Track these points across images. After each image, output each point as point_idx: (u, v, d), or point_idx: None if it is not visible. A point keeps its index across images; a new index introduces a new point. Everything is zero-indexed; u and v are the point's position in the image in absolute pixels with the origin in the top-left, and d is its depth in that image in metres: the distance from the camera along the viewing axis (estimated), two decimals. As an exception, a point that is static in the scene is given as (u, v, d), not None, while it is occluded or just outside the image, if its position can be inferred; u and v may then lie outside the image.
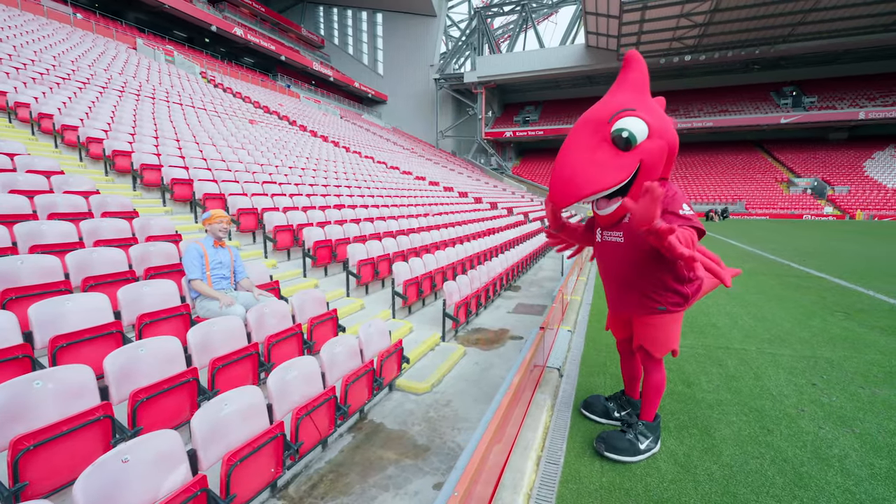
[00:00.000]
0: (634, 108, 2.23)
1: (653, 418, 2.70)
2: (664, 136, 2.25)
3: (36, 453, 1.93)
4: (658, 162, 2.26)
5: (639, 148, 2.21)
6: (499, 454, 2.24)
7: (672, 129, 2.33)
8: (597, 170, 2.20)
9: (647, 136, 2.21)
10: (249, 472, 2.26)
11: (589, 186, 2.21)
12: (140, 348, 2.64)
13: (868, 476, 2.45)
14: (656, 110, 2.33)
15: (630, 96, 2.32)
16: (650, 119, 2.22)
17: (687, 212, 2.25)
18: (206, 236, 3.80)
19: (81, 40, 17.54)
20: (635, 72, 2.39)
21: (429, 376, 4.18)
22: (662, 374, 2.66)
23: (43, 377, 2.18)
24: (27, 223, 3.81)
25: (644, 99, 2.34)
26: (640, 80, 2.39)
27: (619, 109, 2.24)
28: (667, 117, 2.36)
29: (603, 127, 2.24)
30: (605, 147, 2.23)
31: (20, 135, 7.32)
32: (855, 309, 6.02)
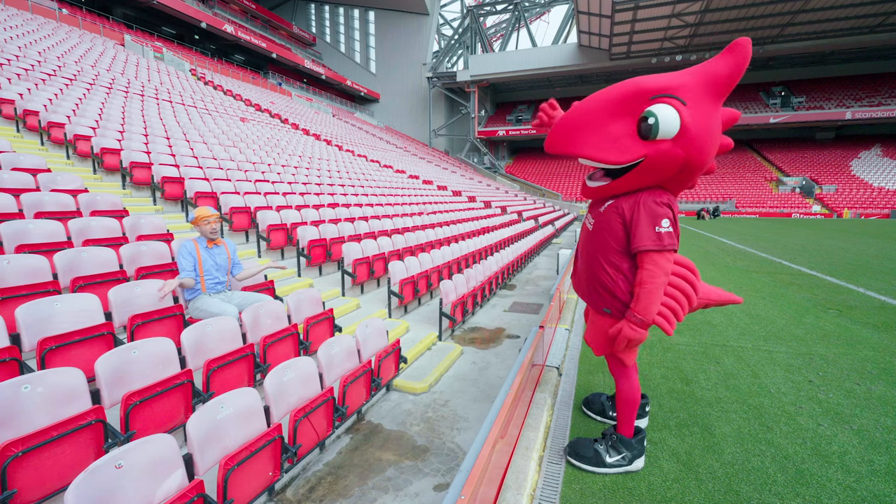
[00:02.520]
0: (685, 102, 1.91)
1: (631, 433, 2.51)
2: (690, 150, 1.94)
3: (25, 460, 1.86)
4: (665, 168, 2.01)
5: (654, 143, 1.95)
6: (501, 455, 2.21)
7: (708, 151, 2.00)
8: (598, 139, 2.02)
9: (672, 136, 1.92)
10: (247, 476, 2.21)
11: (580, 147, 2.04)
12: (132, 350, 2.57)
13: (868, 472, 2.46)
14: (708, 119, 1.96)
15: (694, 87, 1.95)
16: (690, 122, 1.90)
17: (665, 228, 2.04)
18: (200, 237, 3.72)
19: (68, 36, 17.20)
20: (727, 64, 1.94)
21: (426, 376, 4.15)
22: (632, 385, 2.47)
23: (31, 381, 2.11)
24: (13, 222, 3.70)
25: (707, 99, 1.96)
26: (724, 76, 1.95)
27: (668, 92, 1.93)
28: (716, 136, 2.04)
29: (640, 100, 1.97)
30: (626, 121, 1.99)
31: (4, 132, 7.14)
32: (847, 306, 6.09)
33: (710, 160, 2.12)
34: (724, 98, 2.03)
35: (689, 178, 2.14)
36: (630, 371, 2.48)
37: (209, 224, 3.63)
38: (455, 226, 10.85)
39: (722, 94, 1.99)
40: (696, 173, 2.10)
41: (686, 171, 2.05)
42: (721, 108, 2.07)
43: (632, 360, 2.45)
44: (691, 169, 2.04)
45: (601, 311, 2.38)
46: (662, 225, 2.05)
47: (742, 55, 1.91)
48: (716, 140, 2.05)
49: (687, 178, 2.12)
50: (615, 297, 2.26)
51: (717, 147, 2.12)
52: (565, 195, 39.52)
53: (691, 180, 2.17)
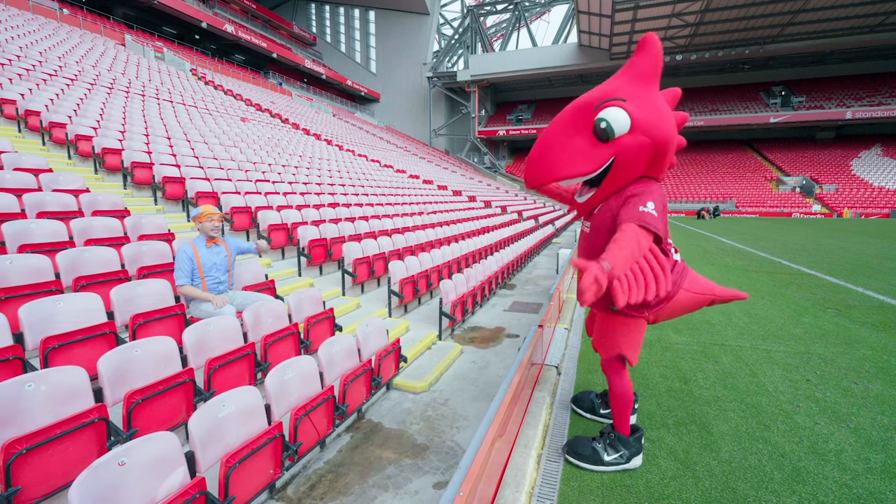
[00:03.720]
0: (625, 99, 2.09)
1: (627, 431, 2.55)
2: (650, 133, 2.08)
3: (29, 457, 1.89)
4: (636, 158, 2.13)
5: (616, 141, 2.10)
6: (500, 452, 2.23)
7: (667, 127, 2.14)
8: (568, 156, 2.16)
9: (628, 129, 2.08)
10: (248, 474, 2.23)
11: (556, 172, 2.18)
12: (134, 349, 2.59)
13: (864, 470, 2.48)
14: (653, 104, 2.14)
15: (628, 85, 2.16)
16: (638, 112, 2.07)
17: (649, 209, 2.09)
18: (199, 236, 3.71)
19: (69, 36, 17.22)
20: (645, 58, 2.17)
21: (426, 375, 4.17)
22: (625, 384, 2.51)
23: (35, 379, 2.13)
24: (15, 222, 3.72)
25: (643, 89, 2.15)
26: (647, 67, 2.17)
27: (607, 97, 2.12)
28: (667, 113, 2.18)
29: (588, 113, 2.14)
30: (584, 134, 2.15)
31: (6, 132, 7.17)
32: (845, 305, 6.10)
33: (674, 134, 2.21)
34: (657, 80, 2.21)
35: (665, 158, 2.23)
36: (619, 373, 2.50)
37: (212, 221, 3.64)
38: (455, 225, 10.87)
39: (652, 79, 2.19)
40: (669, 151, 2.19)
41: (660, 153, 2.16)
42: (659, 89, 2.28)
43: (636, 360, 2.48)
44: (662, 148, 2.15)
45: (608, 309, 2.42)
46: (647, 206, 2.11)
47: (652, 48, 2.16)
48: (668, 115, 2.19)
49: (663, 158, 2.21)
50: None
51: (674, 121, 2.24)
52: (565, 195, 39.42)
53: (668, 159, 2.25)
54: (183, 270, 3.46)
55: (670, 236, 2.42)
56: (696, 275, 2.53)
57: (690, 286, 2.43)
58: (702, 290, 2.48)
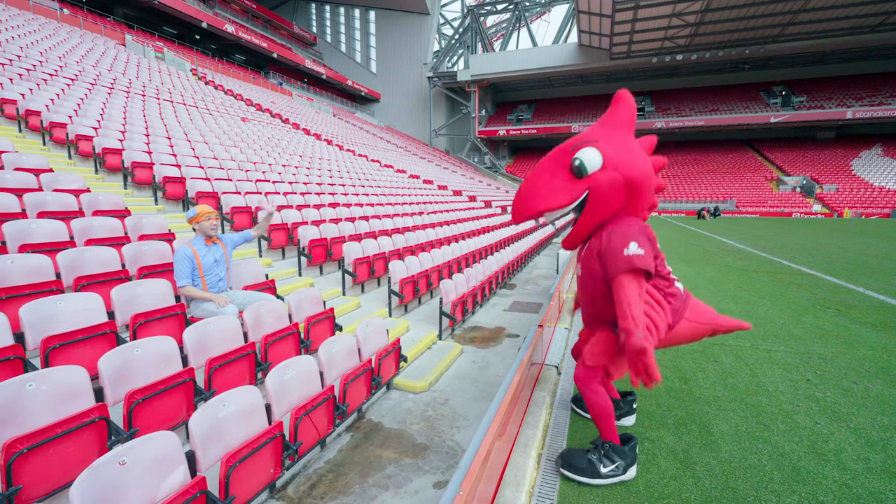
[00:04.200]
0: (597, 141, 2.38)
1: (617, 439, 2.52)
2: (621, 170, 2.33)
3: (29, 456, 1.89)
4: (609, 193, 2.35)
5: (590, 177, 2.35)
6: (500, 452, 2.23)
7: (638, 165, 2.37)
8: (548, 191, 2.46)
9: (600, 167, 2.34)
10: (249, 473, 2.24)
11: (537, 205, 2.48)
12: (135, 349, 2.60)
13: (864, 470, 2.48)
14: (624, 145, 2.40)
15: (603, 130, 2.48)
16: (609, 152, 2.35)
17: (633, 251, 2.24)
18: (196, 236, 3.68)
19: (69, 36, 17.23)
20: (619, 110, 2.51)
21: (426, 375, 4.17)
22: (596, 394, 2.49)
23: (36, 379, 2.13)
24: (16, 222, 3.72)
25: (616, 134, 2.44)
26: (622, 117, 2.50)
27: (583, 140, 2.42)
28: (639, 154, 2.42)
29: (566, 155, 2.43)
30: (563, 173, 2.44)
31: (6, 132, 7.17)
32: (845, 305, 6.10)
33: (649, 173, 2.42)
34: (632, 128, 2.53)
35: (641, 196, 2.42)
36: (593, 380, 2.50)
37: (210, 220, 3.63)
38: (455, 225, 10.87)
39: (626, 127, 2.50)
40: (644, 188, 2.39)
41: (633, 189, 2.37)
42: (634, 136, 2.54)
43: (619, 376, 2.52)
44: (636, 185, 2.37)
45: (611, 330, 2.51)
46: (630, 247, 2.25)
47: (625, 102, 2.52)
48: (641, 157, 2.43)
49: (639, 195, 2.41)
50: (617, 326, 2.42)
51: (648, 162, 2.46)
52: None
53: (645, 197, 2.44)
54: (183, 272, 3.45)
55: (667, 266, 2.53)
56: (698, 304, 2.59)
57: (692, 316, 2.50)
58: (704, 321, 2.55)
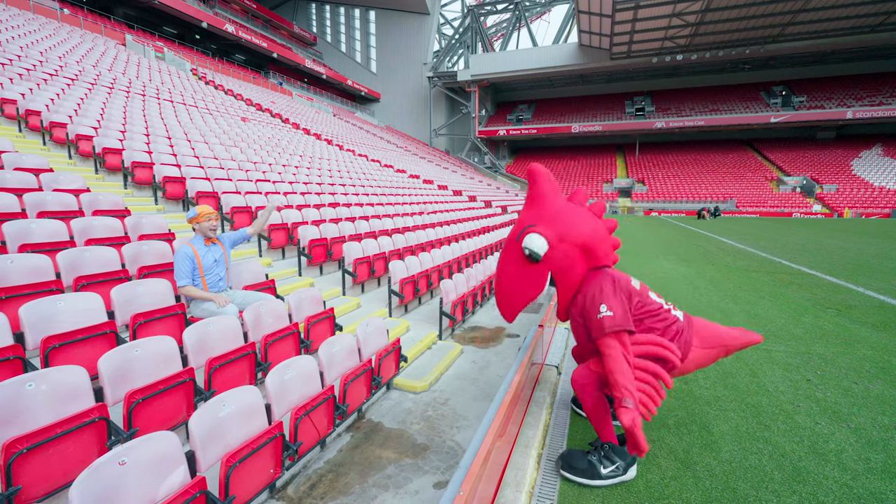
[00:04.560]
0: (534, 224, 2.52)
1: (615, 439, 2.53)
2: (567, 240, 2.46)
3: (29, 456, 1.89)
4: (569, 264, 2.50)
5: (545, 259, 2.51)
6: (501, 452, 2.23)
7: (580, 227, 2.49)
8: (520, 288, 2.66)
9: (548, 247, 2.48)
10: (249, 473, 2.23)
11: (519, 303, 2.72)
12: (135, 349, 2.59)
13: (864, 470, 2.48)
14: (563, 217, 2.52)
15: (533, 210, 2.62)
16: (548, 231, 2.48)
17: (604, 313, 2.34)
18: (196, 236, 3.69)
19: (69, 36, 17.23)
20: (538, 185, 2.65)
21: (427, 375, 4.17)
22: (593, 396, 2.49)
23: (35, 379, 2.13)
24: (16, 222, 3.72)
25: (544, 209, 2.57)
26: (542, 189, 2.63)
27: (521, 228, 2.57)
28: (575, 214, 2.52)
29: (517, 246, 2.61)
30: (522, 262, 2.61)
31: (6, 132, 7.17)
32: (846, 305, 6.10)
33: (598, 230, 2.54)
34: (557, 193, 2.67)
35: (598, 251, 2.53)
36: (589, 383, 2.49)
37: (210, 221, 3.64)
38: (455, 225, 10.87)
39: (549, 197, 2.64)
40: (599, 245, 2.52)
41: (588, 249, 2.50)
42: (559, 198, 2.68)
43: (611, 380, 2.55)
44: (586, 244, 2.50)
45: None
46: (601, 311, 2.37)
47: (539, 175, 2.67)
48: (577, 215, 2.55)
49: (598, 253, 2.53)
50: None
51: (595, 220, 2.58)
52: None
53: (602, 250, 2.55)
54: (184, 272, 3.45)
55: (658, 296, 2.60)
56: (704, 327, 2.60)
57: (700, 342, 2.52)
58: (712, 344, 2.58)
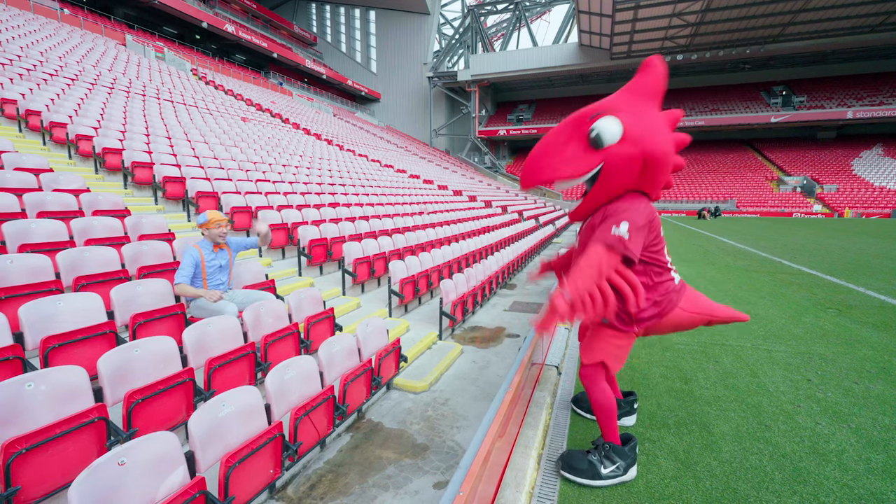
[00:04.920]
0: (619, 110, 2.20)
1: (618, 439, 2.49)
2: (640, 145, 2.16)
3: (28, 457, 1.89)
4: (623, 168, 2.20)
5: (606, 150, 2.19)
6: (501, 453, 2.22)
7: (659, 142, 2.20)
8: (559, 161, 2.30)
9: (618, 140, 2.17)
10: (248, 474, 2.23)
11: (547, 174, 2.32)
12: (134, 349, 2.59)
13: (865, 471, 2.47)
14: (648, 119, 2.22)
15: (627, 99, 2.29)
16: (630, 124, 2.17)
17: (620, 231, 2.15)
18: (204, 240, 3.69)
19: (69, 36, 17.24)
20: (647, 77, 2.31)
21: (427, 375, 4.16)
22: (605, 392, 2.45)
23: (35, 379, 2.13)
24: (16, 222, 3.72)
25: (640, 105, 2.26)
26: (649, 85, 2.30)
27: (604, 109, 2.23)
28: (661, 130, 2.24)
29: (584, 123, 2.27)
30: (577, 141, 2.28)
31: (7, 132, 7.17)
32: (846, 305, 6.09)
33: (668, 152, 2.24)
34: (659, 99, 2.32)
35: (657, 174, 2.26)
36: (599, 379, 2.46)
37: (220, 228, 3.64)
38: (455, 225, 10.86)
39: (653, 97, 2.31)
40: (660, 167, 2.23)
41: (650, 166, 2.21)
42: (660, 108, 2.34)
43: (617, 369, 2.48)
44: (653, 163, 2.20)
45: (599, 322, 2.45)
46: (620, 227, 2.17)
47: (654, 69, 2.31)
48: (662, 131, 2.25)
49: (655, 174, 2.25)
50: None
51: (670, 140, 2.28)
52: (566, 195, 39.50)
53: (661, 176, 2.28)
54: (185, 272, 3.46)
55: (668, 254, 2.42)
56: (694, 294, 2.52)
57: (687, 306, 2.42)
58: (698, 310, 2.47)
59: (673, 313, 2.38)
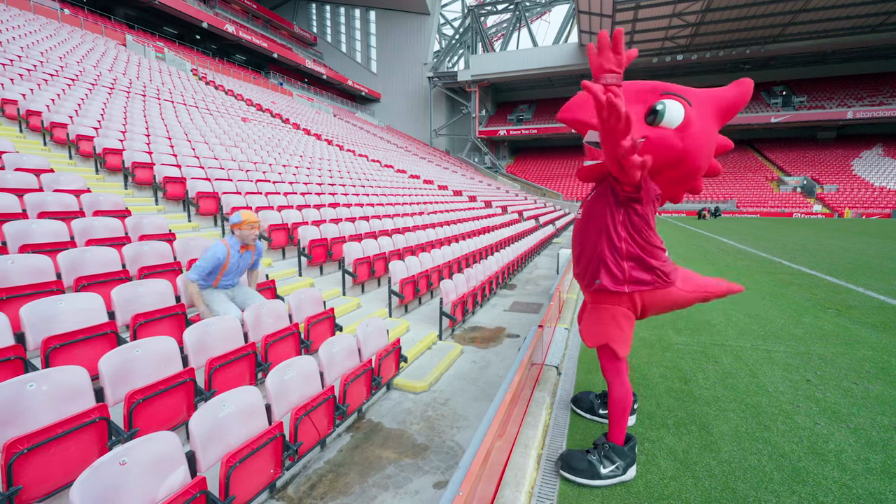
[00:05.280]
0: (691, 104, 2.19)
1: (622, 441, 2.47)
2: (686, 141, 2.15)
3: (30, 456, 1.89)
4: (661, 154, 2.15)
5: (658, 128, 2.17)
6: (500, 452, 2.23)
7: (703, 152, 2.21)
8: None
9: (674, 126, 2.16)
10: (249, 473, 2.24)
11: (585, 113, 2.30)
12: (135, 349, 2.60)
13: (864, 471, 2.48)
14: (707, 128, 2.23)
15: (703, 100, 2.27)
16: (693, 119, 2.16)
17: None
18: (234, 238, 3.65)
19: (70, 36, 17.25)
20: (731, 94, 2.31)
21: (427, 375, 4.17)
22: (625, 387, 2.45)
23: (36, 379, 2.14)
24: (17, 222, 3.73)
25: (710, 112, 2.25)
26: (729, 101, 2.30)
27: (678, 93, 2.23)
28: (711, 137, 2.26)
29: (655, 94, 2.25)
30: (638, 107, 2.23)
31: (7, 132, 7.18)
32: (846, 305, 6.10)
33: (701, 167, 2.27)
34: (725, 120, 2.31)
35: (684, 177, 2.28)
36: (623, 371, 2.46)
37: (253, 230, 3.62)
38: (455, 225, 10.87)
39: (724, 114, 2.29)
40: (692, 170, 2.24)
41: (681, 166, 2.21)
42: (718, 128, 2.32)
43: (625, 352, 2.43)
44: (686, 165, 2.21)
45: (593, 286, 2.43)
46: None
47: (745, 89, 2.29)
48: (711, 145, 2.28)
49: (682, 176, 2.27)
50: (602, 261, 2.37)
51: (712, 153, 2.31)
52: (566, 195, 39.51)
53: (689, 180, 2.30)
54: (204, 270, 3.44)
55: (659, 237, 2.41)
56: (687, 272, 2.53)
57: (682, 284, 2.43)
58: (693, 288, 2.47)
59: (668, 290, 2.39)
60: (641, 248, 2.32)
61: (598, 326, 2.47)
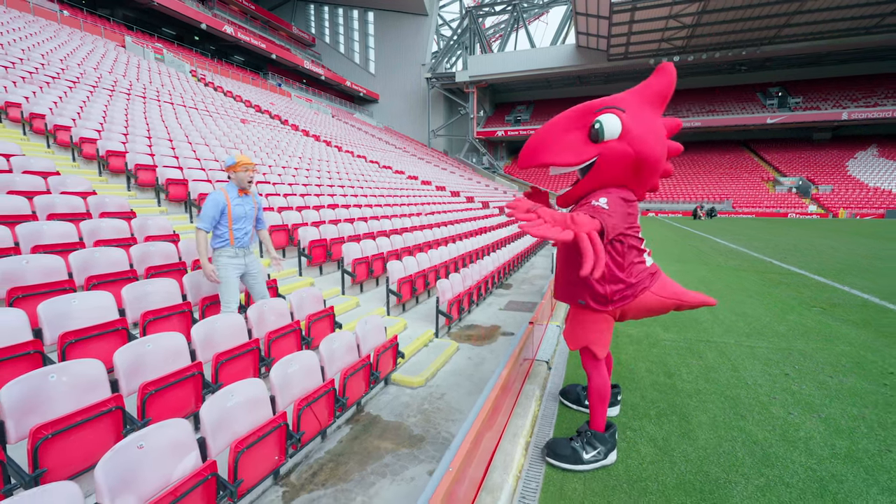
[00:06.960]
0: (624, 110, 2.35)
1: (603, 428, 2.65)
2: (636, 145, 2.31)
3: (54, 441, 2.05)
4: (617, 163, 2.35)
5: (604, 144, 2.35)
6: (490, 439, 2.40)
7: (654, 146, 2.35)
8: (558, 147, 2.45)
9: (617, 136, 2.32)
10: (255, 459, 2.40)
11: (544, 157, 2.48)
12: (147, 344, 2.76)
13: (829, 455, 2.66)
14: (648, 123, 2.37)
15: (634, 100, 2.43)
16: (630, 124, 2.32)
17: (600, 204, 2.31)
18: (230, 183, 3.71)
19: (69, 38, 17.35)
20: (658, 81, 2.46)
21: (423, 371, 4.33)
22: (601, 378, 2.62)
23: (57, 371, 2.30)
24: (28, 224, 3.88)
25: (644, 108, 2.40)
26: (657, 90, 2.45)
27: (611, 103, 2.39)
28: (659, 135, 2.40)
29: (589, 115, 2.42)
30: (579, 131, 2.43)
31: (11, 135, 7.32)
32: (830, 303, 6.29)
33: (660, 157, 2.42)
34: (663, 106, 2.49)
35: (646, 176, 2.44)
36: (601, 366, 2.63)
37: (248, 171, 3.64)
38: (453, 226, 11.03)
39: (658, 103, 2.46)
40: (650, 169, 2.41)
41: (641, 167, 2.38)
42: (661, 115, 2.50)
43: (604, 353, 2.60)
44: (644, 164, 2.37)
45: (577, 303, 2.59)
46: (599, 201, 2.35)
47: (665, 75, 2.45)
48: (659, 139, 2.42)
49: (644, 175, 2.43)
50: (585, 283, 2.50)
51: (664, 146, 2.46)
52: (563, 195, 39.60)
53: (648, 178, 2.46)
54: (209, 216, 3.49)
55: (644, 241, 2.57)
56: (666, 279, 2.65)
57: (658, 290, 2.55)
58: (668, 295, 2.58)
59: (644, 296, 2.52)
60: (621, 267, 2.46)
61: (579, 331, 2.64)
